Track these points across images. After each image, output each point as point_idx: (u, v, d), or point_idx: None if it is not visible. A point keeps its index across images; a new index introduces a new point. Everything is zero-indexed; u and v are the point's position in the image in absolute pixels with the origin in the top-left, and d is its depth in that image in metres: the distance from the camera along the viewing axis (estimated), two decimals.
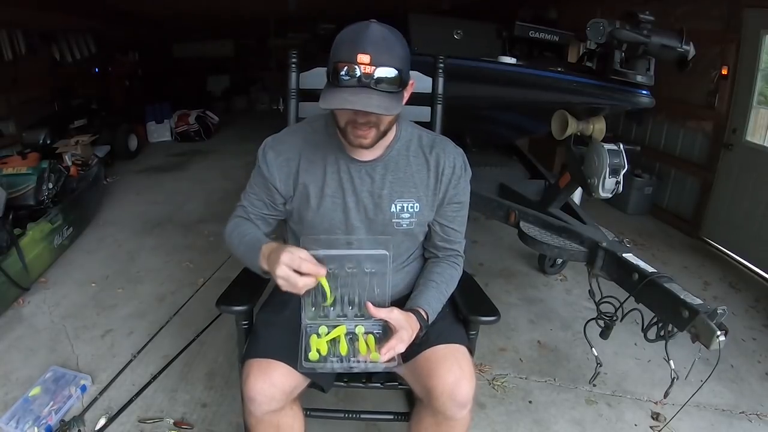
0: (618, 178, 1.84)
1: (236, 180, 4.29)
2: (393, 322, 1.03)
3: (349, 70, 0.93)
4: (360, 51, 0.93)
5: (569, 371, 1.99)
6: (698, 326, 1.27)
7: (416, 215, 1.14)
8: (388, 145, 1.13)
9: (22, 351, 2.01)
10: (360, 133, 1.01)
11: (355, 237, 1.12)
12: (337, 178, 1.12)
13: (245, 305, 1.22)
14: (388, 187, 1.12)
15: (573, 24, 2.78)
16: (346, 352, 1.07)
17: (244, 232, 1.16)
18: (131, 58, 6.63)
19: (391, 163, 1.13)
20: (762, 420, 1.76)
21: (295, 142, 1.15)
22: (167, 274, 2.69)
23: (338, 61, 0.95)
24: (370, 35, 0.94)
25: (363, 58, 0.93)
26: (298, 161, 1.13)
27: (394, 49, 0.96)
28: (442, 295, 1.17)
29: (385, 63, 0.94)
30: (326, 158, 1.12)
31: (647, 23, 1.73)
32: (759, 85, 2.94)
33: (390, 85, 0.95)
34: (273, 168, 1.13)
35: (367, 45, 0.93)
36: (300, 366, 1.03)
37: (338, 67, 0.94)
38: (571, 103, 2.08)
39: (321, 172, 1.12)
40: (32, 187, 2.77)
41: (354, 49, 0.93)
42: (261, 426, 1.11)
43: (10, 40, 4.19)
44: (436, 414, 1.09)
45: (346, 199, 1.12)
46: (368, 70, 0.93)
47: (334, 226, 1.14)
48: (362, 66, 0.93)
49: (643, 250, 3.06)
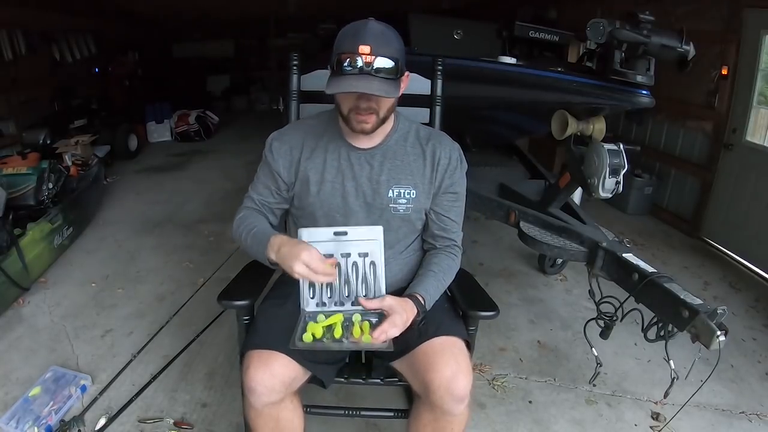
0: (618, 178, 1.84)
1: (236, 180, 4.29)
2: (386, 308, 1.07)
3: (352, 60, 1.02)
4: (361, 43, 1.02)
5: (569, 371, 1.99)
6: (698, 326, 1.27)
7: (413, 201, 1.20)
8: (387, 134, 1.20)
9: (22, 351, 2.01)
10: (361, 118, 1.09)
11: (349, 228, 1.15)
12: (337, 165, 1.19)
13: (246, 300, 1.23)
14: (386, 173, 1.19)
15: (573, 24, 2.78)
16: (340, 335, 1.08)
17: (253, 223, 1.20)
18: (131, 58, 6.61)
19: (389, 152, 1.20)
20: (762, 420, 1.76)
21: (298, 133, 1.23)
22: (167, 274, 2.69)
23: (341, 53, 1.04)
24: (370, 29, 1.04)
25: (364, 49, 1.02)
26: (301, 150, 1.21)
27: (391, 42, 1.06)
28: (440, 283, 1.20)
29: (383, 54, 1.03)
30: (327, 146, 1.20)
31: (647, 23, 1.73)
32: (759, 85, 2.94)
33: (388, 74, 1.04)
34: (277, 156, 1.21)
35: (368, 37, 1.03)
36: (291, 344, 1.05)
37: (342, 58, 1.03)
38: (571, 103, 2.08)
39: (322, 159, 1.20)
40: (32, 187, 2.77)
41: (355, 41, 1.03)
42: (261, 419, 1.12)
43: (10, 40, 4.19)
44: (434, 409, 1.09)
45: (346, 184, 1.19)
46: (369, 59, 1.02)
47: (333, 210, 1.20)
48: (363, 56, 1.02)
49: (643, 250, 3.06)
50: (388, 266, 1.19)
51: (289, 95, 1.55)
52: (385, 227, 1.18)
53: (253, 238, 1.16)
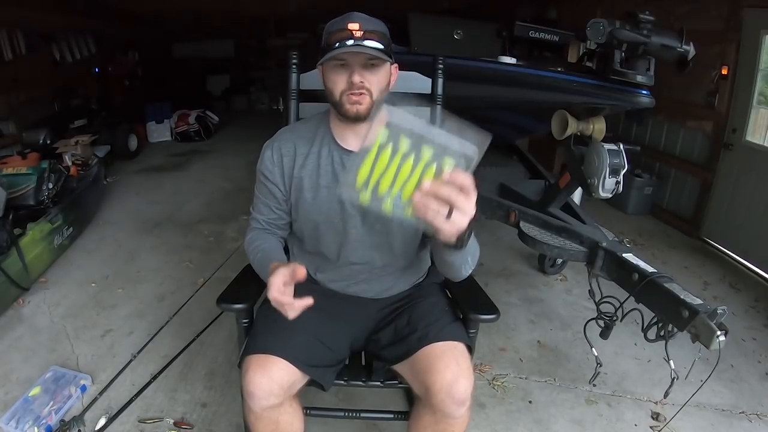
0: (618, 178, 1.84)
1: (236, 180, 4.29)
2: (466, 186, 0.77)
3: (343, 37, 1.04)
4: (349, 21, 1.06)
5: (569, 371, 1.99)
6: (698, 326, 1.27)
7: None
8: None
9: (22, 351, 2.01)
10: (355, 98, 1.08)
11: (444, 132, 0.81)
12: (331, 170, 1.17)
13: (245, 303, 1.23)
14: None
15: (573, 24, 2.78)
16: (387, 187, 0.79)
17: (259, 247, 1.21)
18: (131, 58, 6.61)
19: None
20: (762, 420, 1.76)
21: (289, 139, 1.21)
22: (167, 274, 2.69)
23: (331, 34, 1.07)
24: (355, 14, 1.08)
25: (353, 26, 1.05)
26: (293, 157, 1.19)
27: (378, 24, 1.09)
28: (475, 244, 1.04)
29: (372, 32, 1.06)
30: (320, 151, 1.18)
31: (647, 23, 1.73)
32: (759, 85, 2.94)
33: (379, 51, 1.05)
34: (272, 166, 1.20)
35: (355, 19, 1.06)
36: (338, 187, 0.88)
37: (332, 40, 1.06)
38: (571, 103, 2.08)
39: (315, 165, 1.18)
40: (32, 187, 2.77)
41: (344, 21, 1.06)
42: (260, 423, 1.11)
43: (10, 40, 4.19)
44: (434, 412, 1.09)
45: None
46: (359, 34, 1.04)
47: (331, 216, 1.18)
48: (353, 32, 1.04)
49: (643, 250, 3.06)
50: (392, 270, 1.18)
51: (289, 94, 1.55)
52: (381, 231, 1.17)
53: (259, 263, 1.18)
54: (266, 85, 8.45)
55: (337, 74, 1.08)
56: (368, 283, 1.27)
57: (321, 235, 1.22)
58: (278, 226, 1.27)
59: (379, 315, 1.28)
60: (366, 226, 1.19)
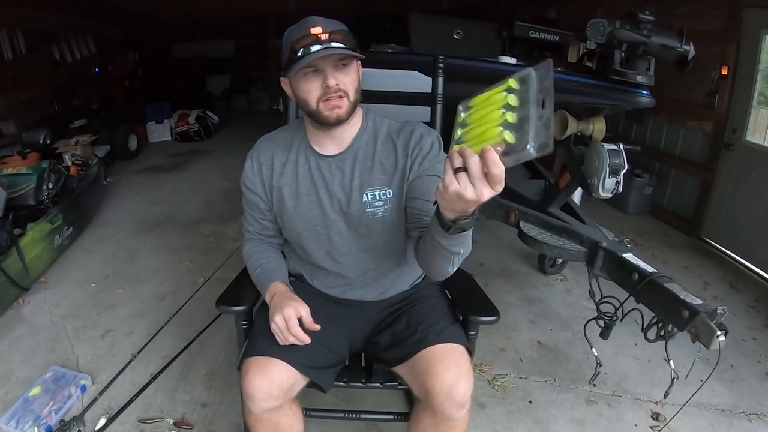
0: (618, 178, 1.83)
1: (236, 180, 4.23)
2: None
3: (308, 43, 0.99)
4: (311, 26, 1.01)
5: (569, 371, 1.99)
6: (698, 326, 1.27)
7: (390, 201, 1.14)
8: (356, 135, 1.16)
9: (22, 351, 2.01)
10: (333, 103, 1.05)
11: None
12: (309, 177, 1.17)
13: (245, 305, 1.23)
14: (357, 178, 1.14)
15: (573, 24, 2.78)
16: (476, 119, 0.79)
17: (258, 261, 1.23)
18: (131, 58, 6.62)
19: (359, 153, 1.15)
20: (762, 420, 1.76)
21: (267, 148, 1.21)
22: (167, 274, 2.69)
23: (294, 42, 1.01)
24: (313, 18, 1.03)
25: (316, 30, 1.00)
26: (272, 167, 1.19)
27: (339, 24, 1.04)
28: (467, 245, 0.98)
29: (335, 30, 1.01)
30: (297, 159, 1.18)
31: (647, 23, 1.73)
32: (759, 85, 2.94)
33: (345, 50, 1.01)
34: (253, 176, 1.21)
35: (316, 22, 1.01)
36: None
37: (295, 48, 1.00)
38: (571, 103, 2.08)
39: (293, 173, 1.18)
40: (32, 187, 2.77)
41: (305, 28, 1.01)
42: (260, 425, 1.11)
43: (10, 40, 4.19)
44: (434, 414, 1.08)
45: (320, 195, 1.16)
46: (324, 37, 0.99)
47: (314, 224, 1.18)
48: (318, 36, 0.99)
49: (643, 250, 3.06)
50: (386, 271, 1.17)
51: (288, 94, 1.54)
52: (366, 234, 1.17)
53: (258, 278, 1.21)
54: (266, 85, 8.45)
55: (309, 82, 1.04)
56: (364, 287, 1.26)
57: (306, 243, 1.22)
58: (270, 236, 1.28)
59: (378, 317, 1.28)
60: (351, 231, 1.18)
